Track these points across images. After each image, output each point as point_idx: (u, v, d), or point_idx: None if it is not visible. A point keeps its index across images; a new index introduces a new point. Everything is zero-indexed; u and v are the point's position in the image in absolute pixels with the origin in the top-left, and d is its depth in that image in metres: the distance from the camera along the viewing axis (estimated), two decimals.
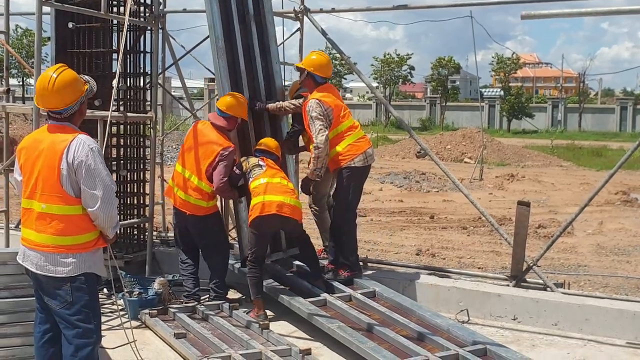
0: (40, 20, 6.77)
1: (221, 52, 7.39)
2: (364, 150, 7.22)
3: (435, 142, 32.40)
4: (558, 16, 6.43)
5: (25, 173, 4.48)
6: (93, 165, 4.33)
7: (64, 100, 4.41)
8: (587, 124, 58.33)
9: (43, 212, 4.37)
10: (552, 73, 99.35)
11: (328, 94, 7.23)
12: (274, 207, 6.62)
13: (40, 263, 4.39)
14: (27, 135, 4.74)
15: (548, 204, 17.38)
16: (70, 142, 4.34)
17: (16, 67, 43.99)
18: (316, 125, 6.97)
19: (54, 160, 4.33)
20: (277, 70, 8.01)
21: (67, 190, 4.34)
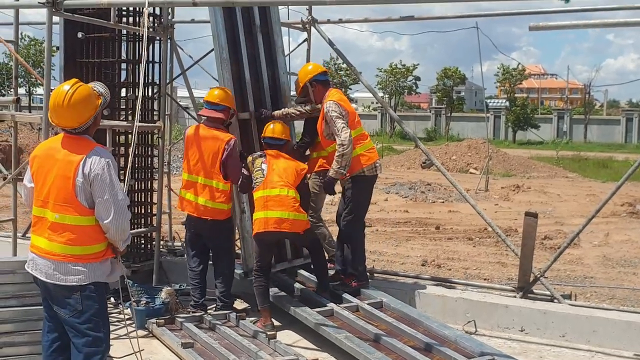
0: (50, 30, 6.82)
1: (225, 63, 7.43)
2: (374, 161, 7.25)
3: (441, 152, 32.39)
4: (566, 28, 6.45)
5: (38, 181, 4.50)
6: (108, 179, 4.37)
7: (79, 119, 4.44)
8: (592, 135, 58.25)
9: (56, 221, 4.39)
10: (558, 84, 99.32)
11: (343, 98, 7.29)
12: (272, 224, 6.68)
13: (50, 271, 4.41)
14: (41, 143, 4.78)
15: (554, 215, 17.34)
16: (87, 154, 4.37)
17: (23, 76, 44.17)
18: (338, 124, 6.96)
19: (69, 171, 4.35)
20: (284, 80, 8.05)
21: (81, 201, 4.37)
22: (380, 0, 6.53)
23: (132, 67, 8.43)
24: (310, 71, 7.45)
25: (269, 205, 6.68)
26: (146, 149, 8.75)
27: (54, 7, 6.74)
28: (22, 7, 8.67)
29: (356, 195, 7.23)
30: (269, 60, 7.95)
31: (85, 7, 7.66)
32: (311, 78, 7.37)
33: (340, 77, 62.73)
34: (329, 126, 7.08)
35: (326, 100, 7.16)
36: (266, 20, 7.99)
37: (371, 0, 6.47)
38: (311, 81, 7.37)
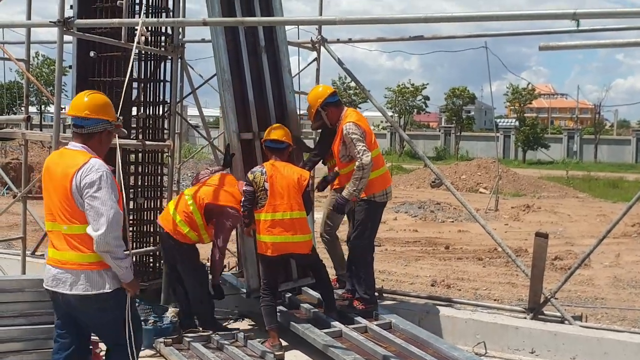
0: (61, 49, 6.85)
1: (227, 84, 7.46)
2: (385, 187, 7.25)
3: (450, 171, 32.34)
4: (576, 48, 6.45)
5: (45, 196, 4.60)
6: (97, 187, 4.37)
7: (91, 111, 4.57)
8: (603, 155, 58.08)
9: (66, 233, 4.47)
10: (568, 104, 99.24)
11: (359, 119, 7.23)
12: (277, 249, 6.69)
13: (71, 282, 4.46)
14: (49, 157, 4.84)
15: (564, 236, 17.24)
16: (81, 165, 4.43)
17: (35, 94, 44.50)
18: (359, 146, 6.92)
19: (66, 182, 4.43)
20: (290, 99, 8.06)
21: (82, 209, 4.42)
22: (389, 20, 6.56)
23: (142, 86, 8.47)
24: (320, 95, 7.38)
25: (274, 231, 6.66)
26: (156, 168, 8.76)
27: (66, 27, 6.80)
28: (34, 26, 8.76)
29: (365, 219, 7.21)
30: (275, 80, 7.97)
31: (96, 26, 7.71)
32: (322, 102, 7.32)
33: (349, 96, 62.87)
34: (347, 148, 7.05)
35: (344, 122, 7.11)
36: (272, 39, 8.01)
37: (380, 20, 6.49)
38: (323, 105, 7.34)
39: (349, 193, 6.97)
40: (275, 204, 6.69)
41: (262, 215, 6.73)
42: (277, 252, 6.69)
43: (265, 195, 6.71)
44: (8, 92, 47.41)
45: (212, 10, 7.47)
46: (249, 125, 7.66)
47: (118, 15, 7.66)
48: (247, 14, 7.79)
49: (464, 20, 6.42)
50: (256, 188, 6.76)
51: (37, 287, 5.32)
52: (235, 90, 7.56)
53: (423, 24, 8.75)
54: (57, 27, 6.77)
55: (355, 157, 6.93)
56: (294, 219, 6.71)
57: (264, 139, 7.19)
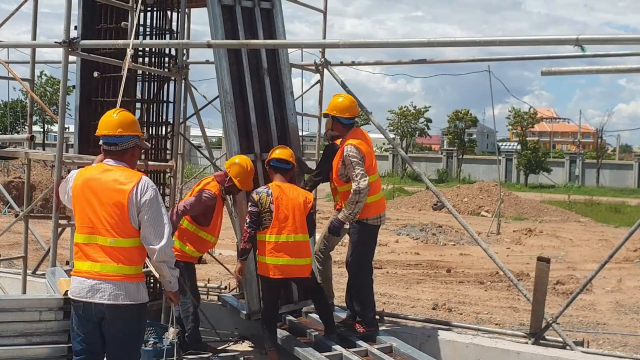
0: (66, 70, 6.91)
1: (229, 106, 7.51)
2: (379, 213, 7.26)
3: (452, 194, 32.33)
4: (578, 73, 6.47)
5: (83, 208, 4.70)
6: (156, 204, 4.67)
7: (122, 129, 4.76)
8: (605, 180, 58.02)
9: (111, 245, 4.61)
10: (570, 128, 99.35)
11: (362, 142, 7.22)
12: (279, 272, 6.67)
13: (113, 292, 4.60)
14: (80, 172, 4.93)
15: (566, 260, 17.20)
16: (137, 182, 4.65)
17: (39, 113, 44.65)
18: (357, 170, 6.94)
19: (122, 198, 4.61)
20: (292, 121, 8.10)
21: (134, 224, 4.63)
22: (392, 44, 6.60)
23: (146, 107, 8.50)
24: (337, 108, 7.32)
25: (278, 253, 6.64)
26: (158, 188, 8.75)
27: (70, 47, 6.85)
28: (39, 46, 8.81)
29: (358, 241, 7.21)
30: (277, 101, 8.02)
31: (100, 47, 7.76)
32: (334, 114, 7.30)
33: None
34: (346, 168, 7.06)
35: (347, 143, 7.13)
36: (275, 62, 8.07)
37: (383, 44, 6.53)
38: (333, 116, 7.32)
39: (344, 216, 7.01)
40: (281, 226, 6.66)
41: (266, 236, 6.68)
42: (280, 275, 6.67)
43: (270, 217, 6.67)
44: (11, 111, 47.58)
45: (216, 32, 7.52)
46: (251, 146, 7.68)
47: (122, 36, 7.71)
48: (250, 36, 7.85)
49: (467, 45, 6.46)
50: (261, 209, 6.71)
51: (38, 307, 5.30)
52: (238, 112, 7.60)
53: (426, 48, 8.80)
54: (62, 48, 6.82)
55: (352, 179, 6.95)
56: (298, 242, 6.71)
57: (269, 158, 7.14)
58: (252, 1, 7.98)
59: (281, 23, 8.17)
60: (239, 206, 7.52)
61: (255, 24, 7.96)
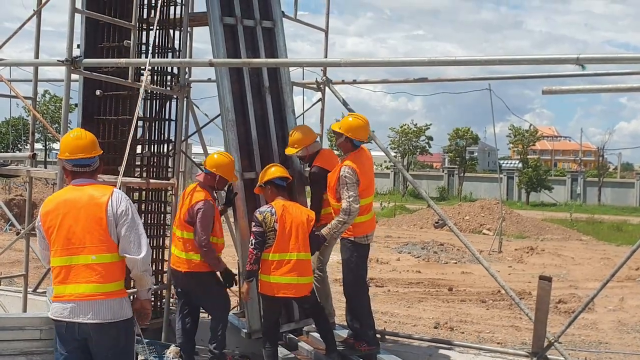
0: (68, 88, 6.93)
1: (231, 124, 7.54)
2: (368, 232, 7.26)
3: (454, 212, 32.29)
4: (579, 92, 6.48)
5: (59, 232, 4.65)
6: (132, 215, 4.68)
7: (94, 150, 4.83)
8: (606, 198, 57.96)
9: (93, 263, 4.59)
10: (571, 146, 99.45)
11: (362, 163, 7.20)
12: (281, 291, 6.67)
13: (96, 311, 4.56)
14: (48, 199, 4.90)
15: (568, 279, 17.16)
16: (110, 195, 4.67)
17: (41, 131, 44.69)
18: (350, 191, 6.91)
19: (99, 212, 4.61)
20: None
21: (114, 238, 4.63)
22: (393, 63, 6.63)
23: (148, 125, 8.52)
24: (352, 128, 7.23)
25: (280, 271, 6.63)
26: (159, 206, 8.77)
27: (73, 66, 6.88)
28: (42, 64, 8.86)
29: (348, 258, 7.20)
30: (279, 119, 8.05)
31: (102, 65, 7.79)
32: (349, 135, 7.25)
33: None
34: (340, 187, 7.06)
35: (345, 163, 7.10)
36: (276, 80, 8.11)
37: (385, 63, 6.56)
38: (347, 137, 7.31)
39: (327, 233, 7.03)
40: (284, 245, 6.66)
41: (269, 255, 6.66)
42: (282, 294, 6.66)
43: (274, 236, 6.65)
44: (13, 129, 47.65)
45: (218, 51, 7.56)
46: (252, 164, 7.70)
47: (125, 54, 7.74)
48: (252, 54, 7.89)
49: (468, 64, 6.48)
50: (265, 228, 6.68)
51: (38, 325, 5.29)
52: (239, 130, 7.63)
53: (427, 66, 8.82)
54: (64, 66, 6.85)
55: (343, 199, 6.95)
56: (301, 261, 6.70)
57: (268, 178, 7.03)
58: (254, 20, 8.03)
59: (282, 42, 8.21)
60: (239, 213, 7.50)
61: (257, 43, 8.00)
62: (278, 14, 8.28)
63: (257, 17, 8.06)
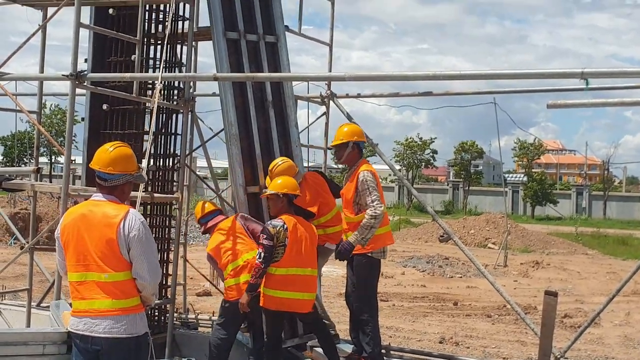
0: (73, 102, 6.96)
1: (234, 138, 7.60)
2: (385, 245, 7.23)
3: (459, 226, 32.21)
4: (584, 106, 6.46)
5: (75, 247, 4.67)
6: (145, 238, 4.63)
7: (116, 166, 4.73)
8: (612, 212, 57.76)
9: (106, 281, 4.59)
10: (576, 160, 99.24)
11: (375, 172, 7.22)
12: (285, 306, 6.66)
13: (110, 326, 4.57)
14: (69, 211, 4.93)
15: (574, 293, 17.07)
16: (125, 215, 4.62)
17: (45, 145, 44.83)
18: (373, 195, 6.93)
19: (110, 233, 4.58)
20: (297, 153, 8.18)
21: (125, 258, 4.60)
22: (398, 77, 6.62)
23: (153, 139, 8.51)
24: (356, 133, 7.33)
25: (286, 287, 6.61)
26: (164, 220, 8.76)
27: (78, 80, 6.89)
28: (46, 79, 8.89)
29: (363, 274, 7.16)
30: (282, 134, 8.10)
31: (109, 80, 7.81)
32: (357, 140, 7.34)
33: None
34: (360, 196, 7.02)
35: (361, 169, 7.10)
36: (279, 94, 8.16)
37: (389, 77, 6.56)
38: (355, 142, 7.34)
39: (355, 240, 6.95)
40: (292, 260, 6.62)
41: (276, 270, 6.61)
42: (286, 308, 6.63)
43: (283, 250, 6.61)
44: (18, 142, 47.81)
45: (221, 65, 7.61)
46: (255, 178, 7.74)
47: (131, 69, 7.76)
48: (255, 68, 7.93)
49: (472, 78, 6.47)
50: (276, 242, 6.59)
51: (41, 340, 5.28)
52: (243, 144, 7.67)
53: (432, 81, 8.80)
54: (69, 81, 6.87)
55: (368, 205, 6.90)
56: (307, 276, 6.71)
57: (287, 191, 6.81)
58: (257, 35, 8.07)
59: (285, 56, 8.25)
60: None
61: (260, 57, 8.04)
62: (281, 29, 8.33)
63: (260, 32, 8.11)
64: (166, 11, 8.29)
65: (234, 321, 7.14)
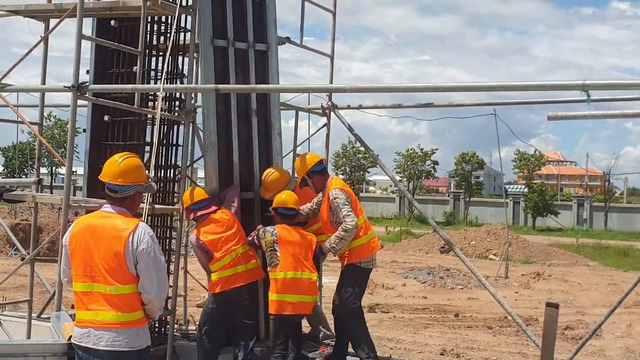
0: (74, 114, 6.96)
1: (212, 146, 7.71)
2: (372, 254, 7.29)
3: (460, 237, 32.16)
4: (585, 118, 6.46)
5: (83, 258, 4.65)
6: (153, 252, 4.61)
7: (125, 177, 4.72)
8: (613, 224, 57.69)
9: (111, 293, 4.57)
10: (577, 171, 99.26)
11: (345, 185, 7.41)
12: (290, 308, 6.83)
13: (112, 339, 4.55)
14: (78, 221, 4.91)
15: (575, 305, 17.03)
16: (134, 228, 4.61)
17: (46, 156, 44.86)
18: (344, 210, 7.03)
19: (119, 245, 4.56)
20: (278, 162, 8.25)
21: (132, 271, 4.59)
22: (398, 89, 6.65)
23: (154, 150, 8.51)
24: (306, 164, 7.55)
25: (286, 287, 6.82)
26: (164, 231, 8.75)
27: (80, 92, 6.90)
28: (48, 90, 8.90)
29: (350, 282, 7.23)
30: (265, 142, 8.17)
31: (109, 91, 7.82)
32: (308, 170, 7.51)
33: (358, 160, 63.23)
34: (334, 213, 7.13)
35: (330, 188, 7.23)
36: (265, 102, 8.23)
37: (390, 89, 6.57)
38: (308, 173, 7.48)
39: (327, 248, 7.14)
40: (288, 264, 6.89)
41: (277, 274, 6.89)
42: (290, 311, 6.85)
43: (277, 255, 6.90)
44: (20, 153, 47.80)
45: (206, 72, 7.81)
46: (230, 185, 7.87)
47: (133, 80, 7.77)
48: (242, 76, 8.04)
49: (473, 89, 6.50)
50: (264, 246, 7.01)
51: (42, 352, 5.28)
52: (221, 152, 7.82)
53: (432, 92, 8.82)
54: (70, 92, 6.88)
55: (341, 220, 7.01)
56: (306, 279, 6.92)
57: (274, 206, 7.31)
58: (247, 43, 8.11)
59: (275, 64, 8.31)
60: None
61: (248, 64, 8.11)
62: (273, 37, 8.36)
63: (250, 40, 8.14)
64: (168, 23, 8.31)
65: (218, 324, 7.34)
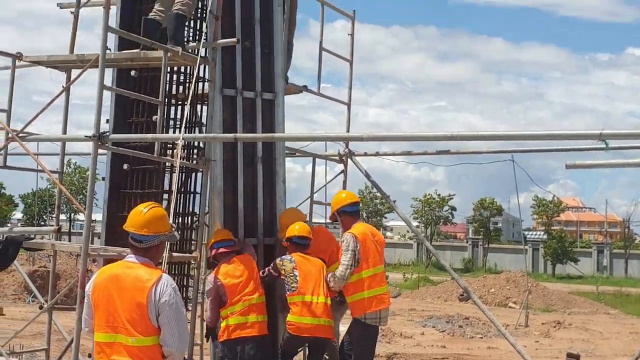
0: (95, 162, 7.03)
1: (218, 192, 7.84)
2: (379, 309, 7.21)
3: (479, 285, 31.81)
4: (603, 167, 6.47)
5: (105, 307, 4.65)
6: (175, 305, 4.60)
7: (149, 228, 4.73)
8: (633, 271, 56.96)
9: (133, 345, 4.55)
10: (596, 217, 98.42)
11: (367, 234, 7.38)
12: (307, 331, 7.01)
13: None
14: (101, 270, 4.95)
15: (596, 354, 16.74)
16: (157, 280, 4.60)
17: (65, 202, 45.18)
18: (344, 256, 7.18)
19: (140, 297, 4.56)
20: (281, 208, 8.35)
21: (153, 323, 4.57)
22: (415, 138, 6.68)
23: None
24: (340, 201, 7.68)
25: (306, 310, 7.02)
26: (181, 279, 8.74)
27: (100, 141, 6.98)
28: (69, 140, 9.01)
29: (355, 342, 7.20)
30: (269, 188, 8.27)
31: (129, 140, 7.91)
32: (338, 208, 7.58)
33: (375, 205, 63.15)
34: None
35: (346, 232, 7.35)
36: (271, 150, 8.35)
37: (407, 138, 6.61)
38: (339, 211, 7.56)
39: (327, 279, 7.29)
40: (307, 287, 7.09)
41: (294, 297, 7.10)
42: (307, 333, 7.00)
43: (296, 280, 7.11)
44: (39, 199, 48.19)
45: (214, 120, 7.92)
46: (235, 231, 7.93)
47: (153, 129, 7.87)
48: (249, 124, 8.17)
49: (490, 139, 6.53)
50: (284, 274, 7.20)
51: None
52: (227, 197, 7.92)
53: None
54: (92, 141, 6.96)
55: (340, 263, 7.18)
56: (321, 303, 7.06)
57: (289, 235, 7.48)
58: (255, 92, 8.24)
59: (281, 113, 8.47)
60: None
61: (255, 113, 8.25)
62: (280, 86, 8.51)
63: (258, 89, 8.28)
64: (187, 73, 8.44)
65: None
